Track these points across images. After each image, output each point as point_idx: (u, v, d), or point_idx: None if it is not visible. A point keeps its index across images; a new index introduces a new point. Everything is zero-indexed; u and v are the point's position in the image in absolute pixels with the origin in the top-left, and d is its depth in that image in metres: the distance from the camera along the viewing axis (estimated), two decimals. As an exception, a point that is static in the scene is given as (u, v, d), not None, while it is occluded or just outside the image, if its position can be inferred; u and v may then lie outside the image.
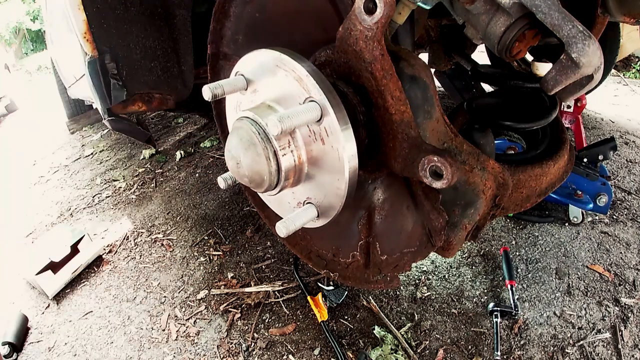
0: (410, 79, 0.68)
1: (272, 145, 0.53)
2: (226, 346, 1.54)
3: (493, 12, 0.77)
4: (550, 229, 1.97)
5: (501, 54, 0.79)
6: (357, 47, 0.60)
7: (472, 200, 0.71)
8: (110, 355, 1.56)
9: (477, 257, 1.86)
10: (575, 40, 0.63)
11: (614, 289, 1.65)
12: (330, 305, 1.64)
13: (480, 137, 0.85)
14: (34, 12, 9.98)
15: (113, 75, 1.16)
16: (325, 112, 0.53)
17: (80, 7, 1.06)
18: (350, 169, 0.56)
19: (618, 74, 3.99)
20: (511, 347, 1.46)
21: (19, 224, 2.49)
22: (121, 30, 1.16)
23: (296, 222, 0.56)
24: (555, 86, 0.70)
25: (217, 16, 0.94)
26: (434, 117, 0.70)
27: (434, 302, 1.65)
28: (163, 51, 1.26)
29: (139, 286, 1.88)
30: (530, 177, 0.86)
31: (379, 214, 0.82)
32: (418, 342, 1.50)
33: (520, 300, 1.62)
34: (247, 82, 0.61)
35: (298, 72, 0.54)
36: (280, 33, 0.87)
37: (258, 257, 1.97)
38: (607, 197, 1.82)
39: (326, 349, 1.49)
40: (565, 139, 1.00)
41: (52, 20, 2.06)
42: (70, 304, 1.84)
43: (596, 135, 2.81)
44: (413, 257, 0.80)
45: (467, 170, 0.70)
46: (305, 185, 0.61)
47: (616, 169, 2.40)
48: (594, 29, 1.06)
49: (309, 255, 0.98)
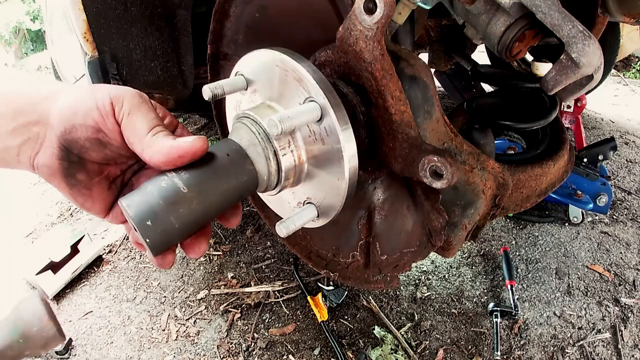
0: (410, 79, 0.68)
1: (272, 145, 0.53)
2: (226, 346, 1.54)
3: (493, 12, 0.77)
4: (550, 229, 1.97)
5: (501, 54, 0.80)
6: (357, 47, 0.60)
7: (472, 200, 0.71)
8: (110, 355, 1.56)
9: (477, 257, 1.86)
10: (575, 40, 0.63)
11: (614, 289, 1.65)
12: (330, 305, 1.64)
13: (480, 137, 0.85)
14: (34, 12, 9.98)
15: (113, 75, 1.16)
16: (325, 112, 0.53)
17: (80, 7, 1.06)
18: (350, 169, 0.56)
19: (618, 74, 3.99)
20: (511, 347, 1.46)
21: (19, 224, 2.49)
22: (121, 30, 1.16)
23: (296, 222, 0.56)
24: (555, 86, 0.70)
25: (217, 16, 0.94)
26: (434, 117, 0.70)
27: (434, 302, 1.65)
28: (163, 51, 1.26)
29: (139, 286, 1.88)
30: (530, 177, 0.86)
31: (379, 214, 0.82)
32: (418, 342, 1.50)
33: (520, 300, 1.62)
34: (247, 82, 0.61)
35: (298, 72, 0.54)
36: (280, 33, 0.87)
37: (258, 257, 1.97)
38: (607, 197, 1.82)
39: (326, 349, 1.49)
40: (565, 139, 1.00)
41: (52, 20, 2.06)
42: (70, 304, 1.84)
43: (596, 135, 2.81)
44: (413, 257, 0.80)
45: (467, 170, 0.70)
46: (305, 185, 0.61)
47: (616, 169, 2.40)
48: (594, 29, 1.06)
49: (309, 255, 0.98)
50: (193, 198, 0.46)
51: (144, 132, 0.46)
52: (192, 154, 0.46)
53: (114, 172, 0.52)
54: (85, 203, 0.50)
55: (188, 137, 0.47)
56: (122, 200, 0.45)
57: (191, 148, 0.46)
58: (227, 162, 0.50)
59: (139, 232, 0.43)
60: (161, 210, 0.44)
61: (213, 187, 0.48)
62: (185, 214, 0.45)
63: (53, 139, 0.46)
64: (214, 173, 0.48)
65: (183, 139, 0.46)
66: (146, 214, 0.43)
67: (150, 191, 0.45)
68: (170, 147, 0.46)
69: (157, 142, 0.46)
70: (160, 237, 0.44)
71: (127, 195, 0.46)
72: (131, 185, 0.54)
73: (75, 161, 0.47)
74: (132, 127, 0.46)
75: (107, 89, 0.47)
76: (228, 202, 0.50)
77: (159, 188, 0.45)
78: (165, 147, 0.45)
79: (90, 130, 0.46)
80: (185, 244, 0.51)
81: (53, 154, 0.46)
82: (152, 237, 0.44)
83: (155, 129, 0.47)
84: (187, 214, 0.45)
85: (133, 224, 0.44)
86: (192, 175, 0.47)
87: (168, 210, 0.44)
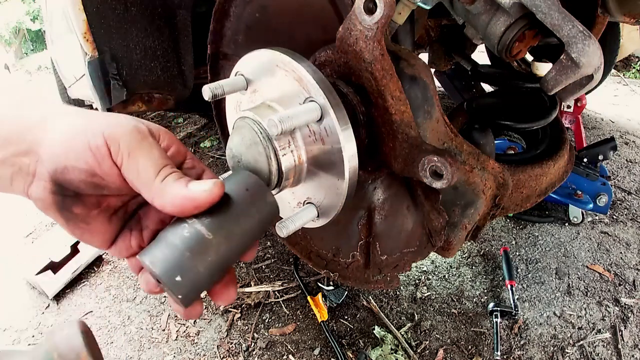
0: (410, 79, 0.68)
1: (272, 145, 0.53)
2: (226, 346, 1.54)
3: (493, 12, 0.77)
4: (550, 229, 1.97)
5: (501, 54, 0.80)
6: (357, 47, 0.60)
7: (472, 200, 0.71)
8: (110, 355, 1.56)
9: (477, 257, 1.86)
10: (575, 40, 0.63)
11: (614, 289, 1.65)
12: (330, 305, 1.64)
13: (480, 137, 0.85)
14: (34, 12, 9.98)
15: (113, 75, 1.16)
16: (325, 112, 0.53)
17: (80, 7, 1.06)
18: (350, 169, 0.56)
19: (618, 74, 3.99)
20: (511, 347, 1.46)
21: (19, 224, 2.49)
22: (121, 30, 1.16)
23: (296, 222, 0.56)
24: (555, 86, 0.70)
25: (217, 16, 0.94)
26: (434, 117, 0.70)
27: (434, 302, 1.65)
28: (163, 51, 1.26)
29: (139, 286, 1.88)
30: (530, 177, 0.86)
31: (379, 214, 0.82)
32: (418, 342, 1.50)
33: (520, 300, 1.62)
34: (247, 82, 0.61)
35: (298, 72, 0.54)
36: (280, 33, 0.87)
37: (258, 257, 1.97)
38: (607, 197, 1.82)
39: (326, 349, 1.49)
40: (565, 139, 1.00)
41: (52, 20, 2.06)
42: (70, 304, 1.84)
43: (596, 135, 2.81)
44: (413, 257, 0.80)
45: (467, 170, 0.70)
46: (305, 185, 0.61)
47: (616, 169, 2.40)
48: (594, 29, 1.06)
49: (309, 255, 0.98)
50: (220, 244, 0.43)
51: (151, 176, 0.41)
52: (209, 204, 0.42)
53: (114, 204, 0.47)
54: (84, 236, 0.46)
55: (203, 183, 0.43)
56: (144, 258, 0.41)
57: (207, 198, 0.42)
58: (248, 198, 0.47)
59: (169, 289, 0.41)
60: (189, 262, 0.41)
61: (238, 228, 0.45)
62: (213, 260, 0.42)
63: (45, 174, 0.41)
64: (237, 214, 0.45)
65: (197, 186, 0.42)
66: (174, 269, 0.40)
67: (173, 243, 0.41)
68: (183, 197, 0.41)
69: (168, 191, 0.41)
70: (191, 290, 0.41)
71: (147, 250, 0.42)
72: (138, 218, 0.49)
73: (70, 195, 0.42)
74: (136, 171, 0.41)
75: (100, 126, 0.42)
76: (253, 239, 0.48)
77: (182, 238, 0.42)
78: (179, 197, 0.41)
79: (84, 174, 0.41)
80: (214, 292, 0.47)
81: (46, 187, 0.41)
82: (184, 292, 0.40)
83: (162, 171, 0.42)
84: (215, 260, 0.42)
85: (161, 281, 0.41)
86: (215, 220, 0.43)
87: (196, 261, 0.41)
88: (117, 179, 0.42)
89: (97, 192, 0.43)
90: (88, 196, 0.44)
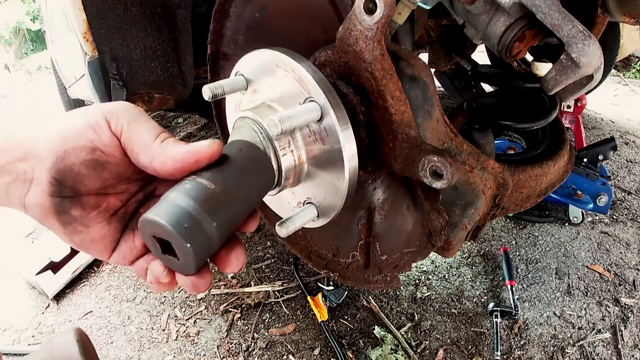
0: (410, 79, 0.68)
1: (272, 145, 0.53)
2: (226, 346, 1.54)
3: (493, 12, 0.77)
4: (550, 229, 1.97)
5: (501, 54, 0.80)
6: (357, 47, 0.60)
7: (472, 200, 0.71)
8: (110, 355, 1.56)
9: (477, 257, 1.86)
10: (575, 40, 0.63)
11: (614, 289, 1.65)
12: (330, 305, 1.64)
13: (480, 137, 0.85)
14: (34, 12, 9.99)
15: (113, 75, 1.16)
16: (325, 112, 0.53)
17: (80, 7, 1.06)
18: (350, 169, 0.56)
19: (618, 74, 3.99)
20: (511, 347, 1.46)
21: (19, 224, 2.49)
22: (121, 30, 1.16)
23: (296, 222, 0.56)
24: (555, 86, 0.70)
25: (217, 16, 0.94)
26: (434, 117, 0.70)
27: (434, 302, 1.65)
28: (163, 51, 1.26)
29: (139, 286, 1.88)
30: (530, 177, 0.86)
31: (379, 214, 0.82)
32: (418, 342, 1.50)
33: (520, 300, 1.62)
34: (247, 82, 0.61)
35: (298, 72, 0.54)
36: (280, 33, 0.87)
37: (258, 257, 1.97)
38: (607, 197, 1.82)
39: (326, 349, 1.49)
40: (565, 139, 1.00)
41: (52, 20, 2.06)
42: (70, 304, 1.84)
43: (596, 135, 2.81)
44: (413, 257, 0.80)
45: (467, 170, 0.70)
46: (305, 185, 0.61)
47: (616, 169, 2.40)
48: (594, 29, 1.06)
49: (309, 255, 0.98)
50: (223, 193, 0.42)
51: (151, 139, 0.43)
52: (210, 158, 0.43)
53: (113, 204, 0.46)
54: (83, 243, 0.45)
55: (202, 141, 0.44)
56: (146, 215, 0.39)
57: (208, 151, 0.43)
58: (243, 155, 0.48)
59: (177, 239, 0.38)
60: (195, 209, 0.39)
61: (238, 181, 0.45)
62: (218, 209, 0.41)
63: (43, 174, 0.42)
64: (234, 167, 0.45)
65: (198, 143, 0.43)
66: (180, 216, 0.38)
67: (175, 196, 0.40)
68: (185, 152, 0.42)
69: (168, 149, 0.42)
70: (201, 241, 0.39)
71: (148, 211, 0.40)
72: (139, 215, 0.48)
73: (68, 196, 0.42)
74: (136, 136, 0.43)
75: (99, 108, 0.44)
76: (254, 196, 0.47)
77: (184, 190, 0.40)
78: (180, 152, 0.42)
79: (84, 151, 0.42)
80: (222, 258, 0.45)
81: (44, 190, 0.42)
82: (194, 240, 0.38)
83: (161, 135, 0.44)
84: (220, 209, 0.41)
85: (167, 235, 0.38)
86: (214, 173, 0.43)
87: (202, 208, 0.39)
88: (117, 150, 0.44)
89: (98, 176, 0.43)
90: (86, 196, 0.44)
